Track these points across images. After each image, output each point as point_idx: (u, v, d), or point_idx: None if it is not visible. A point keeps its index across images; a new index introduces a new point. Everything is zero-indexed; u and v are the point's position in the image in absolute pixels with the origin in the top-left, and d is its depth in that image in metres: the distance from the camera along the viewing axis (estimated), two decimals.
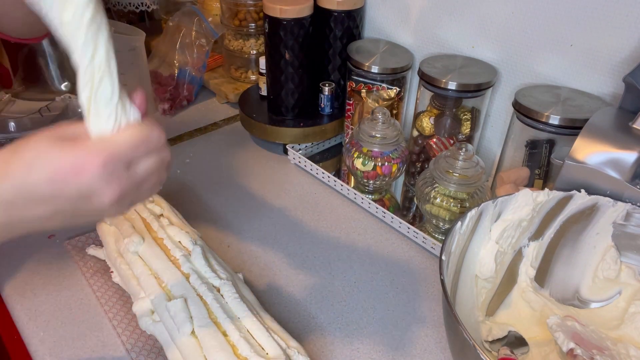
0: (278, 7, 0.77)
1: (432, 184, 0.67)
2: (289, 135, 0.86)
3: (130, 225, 0.61)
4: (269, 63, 0.85)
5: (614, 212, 0.52)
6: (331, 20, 0.83)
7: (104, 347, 0.55)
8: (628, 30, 0.60)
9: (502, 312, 0.57)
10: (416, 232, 0.70)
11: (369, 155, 0.75)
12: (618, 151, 0.52)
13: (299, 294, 0.62)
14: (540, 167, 0.67)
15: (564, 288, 0.57)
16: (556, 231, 0.56)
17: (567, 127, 0.61)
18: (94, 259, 0.65)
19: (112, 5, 1.16)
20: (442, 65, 0.73)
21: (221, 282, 0.54)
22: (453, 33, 0.79)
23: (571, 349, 0.47)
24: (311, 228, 0.73)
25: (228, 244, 0.70)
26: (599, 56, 0.64)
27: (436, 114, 0.75)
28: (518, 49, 0.72)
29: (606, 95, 0.65)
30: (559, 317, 0.51)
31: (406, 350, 0.56)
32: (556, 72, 0.69)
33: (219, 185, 0.81)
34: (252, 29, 1.01)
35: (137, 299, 0.54)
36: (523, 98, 0.65)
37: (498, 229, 0.55)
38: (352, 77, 0.82)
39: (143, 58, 0.95)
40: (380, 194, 0.80)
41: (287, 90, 0.85)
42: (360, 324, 0.59)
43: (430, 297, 0.63)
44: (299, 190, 0.81)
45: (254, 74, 1.05)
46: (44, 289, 0.61)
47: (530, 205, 0.54)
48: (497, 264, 0.56)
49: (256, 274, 0.65)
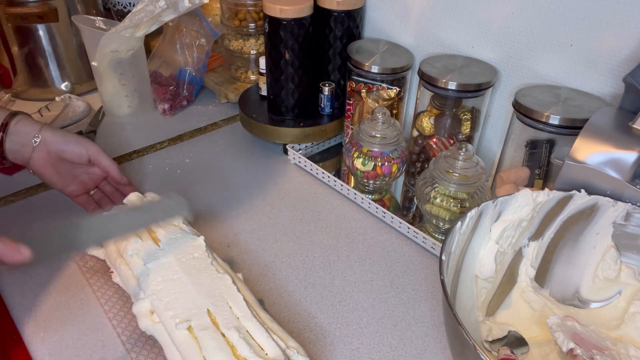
0: (278, 7, 0.77)
1: (432, 184, 0.67)
2: (289, 135, 0.86)
3: None
4: (269, 63, 0.85)
5: (614, 212, 0.52)
6: (331, 20, 0.83)
7: (103, 347, 0.55)
8: (628, 30, 0.60)
9: (502, 312, 0.57)
10: (416, 232, 0.70)
11: (369, 155, 0.75)
12: (618, 151, 0.52)
13: (299, 294, 0.62)
14: (540, 167, 0.67)
15: (564, 288, 0.57)
16: (556, 231, 0.56)
17: (567, 127, 0.61)
18: (94, 259, 0.65)
19: (112, 5, 1.17)
20: (442, 65, 0.74)
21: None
22: (453, 33, 0.79)
23: (571, 349, 0.47)
24: (311, 228, 0.73)
25: (228, 244, 0.70)
26: (599, 56, 0.64)
27: (436, 114, 0.75)
28: (518, 49, 0.72)
29: (606, 95, 0.65)
30: (559, 317, 0.51)
31: (406, 350, 0.56)
32: (556, 72, 0.69)
33: (218, 185, 0.81)
34: (252, 29, 1.01)
35: (137, 300, 0.54)
36: (523, 98, 0.65)
37: (498, 229, 0.55)
38: (352, 77, 0.82)
39: (143, 58, 0.95)
40: (380, 194, 0.80)
41: (287, 90, 0.85)
42: (360, 324, 0.59)
43: (430, 297, 0.63)
44: (299, 190, 0.81)
45: (254, 74, 1.05)
46: (44, 289, 0.61)
47: (530, 205, 0.54)
48: (497, 264, 0.56)
49: (256, 274, 0.65)
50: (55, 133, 0.62)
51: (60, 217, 0.72)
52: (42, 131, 0.61)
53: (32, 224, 0.71)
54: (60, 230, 0.49)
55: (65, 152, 0.61)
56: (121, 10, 1.16)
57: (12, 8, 0.92)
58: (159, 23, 0.89)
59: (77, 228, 0.49)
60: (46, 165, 0.62)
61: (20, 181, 0.79)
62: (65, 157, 0.62)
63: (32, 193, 0.77)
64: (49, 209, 0.74)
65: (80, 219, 0.50)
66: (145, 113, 1.00)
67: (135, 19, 0.85)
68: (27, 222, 0.71)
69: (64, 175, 0.64)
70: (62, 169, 0.63)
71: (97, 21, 0.95)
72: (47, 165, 0.62)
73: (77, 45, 1.01)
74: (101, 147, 0.73)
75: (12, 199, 0.76)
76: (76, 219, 0.50)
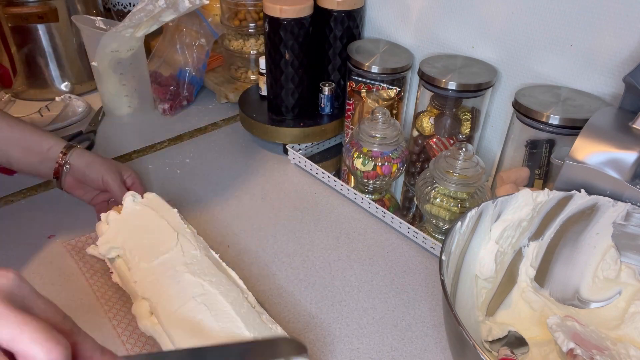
0: (278, 7, 0.77)
1: (432, 184, 0.67)
2: (289, 135, 0.86)
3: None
4: (269, 63, 0.85)
5: (614, 212, 0.52)
6: (331, 20, 0.83)
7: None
8: (628, 30, 0.60)
9: (502, 312, 0.57)
10: (416, 232, 0.70)
11: (369, 155, 0.75)
12: (618, 151, 0.52)
13: (299, 294, 0.62)
14: (540, 167, 0.67)
15: (564, 288, 0.57)
16: (556, 231, 0.56)
17: (567, 127, 0.61)
18: (94, 259, 0.65)
19: (112, 5, 1.17)
20: (442, 65, 0.74)
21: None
22: (453, 33, 0.79)
23: (571, 349, 0.47)
24: (311, 228, 0.73)
25: (228, 244, 0.70)
26: (599, 56, 0.64)
27: (436, 114, 0.75)
28: (518, 49, 0.72)
29: (606, 95, 0.65)
30: (559, 317, 0.51)
31: (406, 350, 0.56)
32: (556, 72, 0.69)
33: (218, 185, 0.81)
34: (252, 29, 1.01)
35: (136, 300, 0.54)
36: (523, 98, 0.65)
37: (498, 229, 0.55)
38: (352, 77, 0.82)
39: (143, 58, 0.95)
40: (380, 194, 0.80)
41: (287, 90, 0.85)
42: (360, 324, 0.59)
43: (430, 297, 0.63)
44: (299, 190, 0.81)
45: (254, 74, 1.05)
46: (44, 289, 0.61)
47: (530, 205, 0.54)
48: (497, 264, 0.56)
49: (256, 274, 0.65)
50: (80, 159, 0.68)
51: (61, 216, 0.72)
52: (70, 157, 0.68)
53: (32, 224, 0.71)
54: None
55: (85, 179, 0.69)
56: (121, 10, 1.16)
57: (12, 8, 0.92)
58: (159, 23, 0.89)
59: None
60: (74, 187, 0.70)
61: (20, 181, 0.79)
62: (86, 182, 0.69)
63: (32, 193, 0.77)
64: (49, 209, 0.74)
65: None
66: (145, 113, 1.00)
67: (135, 18, 0.85)
68: (27, 222, 0.71)
69: (88, 192, 0.72)
70: (87, 188, 0.71)
71: (97, 21, 0.95)
72: (74, 187, 0.70)
73: (77, 45, 1.01)
74: (101, 147, 0.73)
75: (12, 199, 0.76)
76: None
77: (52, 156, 0.67)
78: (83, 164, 0.68)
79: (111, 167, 0.69)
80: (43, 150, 0.67)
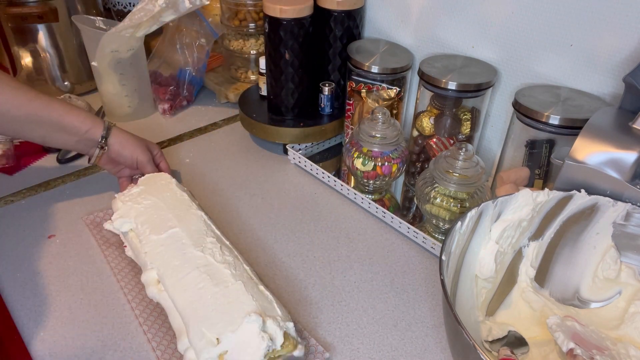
0: (278, 7, 0.77)
1: (432, 184, 0.67)
2: (289, 135, 0.86)
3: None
4: (269, 63, 0.85)
5: (614, 212, 0.53)
6: (331, 20, 0.83)
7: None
8: (628, 30, 0.60)
9: (502, 312, 0.57)
10: (416, 232, 0.70)
11: (369, 155, 0.75)
12: (618, 151, 0.52)
13: (299, 295, 0.62)
14: (540, 167, 0.67)
15: (564, 288, 0.57)
16: (556, 231, 0.56)
17: (567, 127, 0.61)
18: (110, 233, 0.68)
19: (112, 5, 1.17)
20: (442, 65, 0.74)
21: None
22: (453, 33, 0.79)
23: (571, 349, 0.47)
24: (311, 228, 0.73)
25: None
26: (599, 56, 0.64)
27: (436, 114, 0.75)
28: (518, 49, 0.72)
29: (606, 95, 0.65)
30: (559, 317, 0.51)
31: (406, 350, 0.56)
32: (556, 72, 0.69)
33: (218, 185, 0.81)
34: (252, 29, 1.01)
35: (146, 270, 0.58)
36: (523, 98, 0.65)
37: (498, 229, 0.55)
38: (352, 77, 0.82)
39: (143, 58, 0.95)
40: (380, 194, 0.80)
41: (287, 90, 0.85)
42: (360, 324, 0.59)
43: (430, 297, 0.63)
44: (299, 190, 0.81)
45: (254, 74, 1.05)
46: (44, 289, 0.61)
47: (530, 205, 0.54)
48: (497, 264, 0.56)
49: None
50: (116, 140, 0.72)
51: (60, 217, 0.72)
52: (109, 137, 0.71)
53: (32, 224, 0.71)
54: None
55: (119, 158, 0.73)
56: (121, 10, 1.16)
57: (12, 8, 0.92)
58: (159, 23, 0.89)
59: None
60: (106, 162, 0.74)
61: (20, 181, 0.79)
62: (119, 161, 0.74)
63: (32, 193, 0.77)
64: (49, 209, 0.74)
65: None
66: (145, 113, 1.00)
67: (135, 18, 0.85)
68: (27, 222, 0.71)
69: (119, 167, 0.76)
70: (117, 165, 0.76)
71: (97, 21, 0.95)
72: (106, 162, 0.74)
73: (77, 45, 1.01)
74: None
75: (12, 199, 0.76)
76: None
77: (90, 137, 0.70)
78: (118, 145, 0.72)
79: (142, 147, 0.74)
80: (81, 132, 0.69)
